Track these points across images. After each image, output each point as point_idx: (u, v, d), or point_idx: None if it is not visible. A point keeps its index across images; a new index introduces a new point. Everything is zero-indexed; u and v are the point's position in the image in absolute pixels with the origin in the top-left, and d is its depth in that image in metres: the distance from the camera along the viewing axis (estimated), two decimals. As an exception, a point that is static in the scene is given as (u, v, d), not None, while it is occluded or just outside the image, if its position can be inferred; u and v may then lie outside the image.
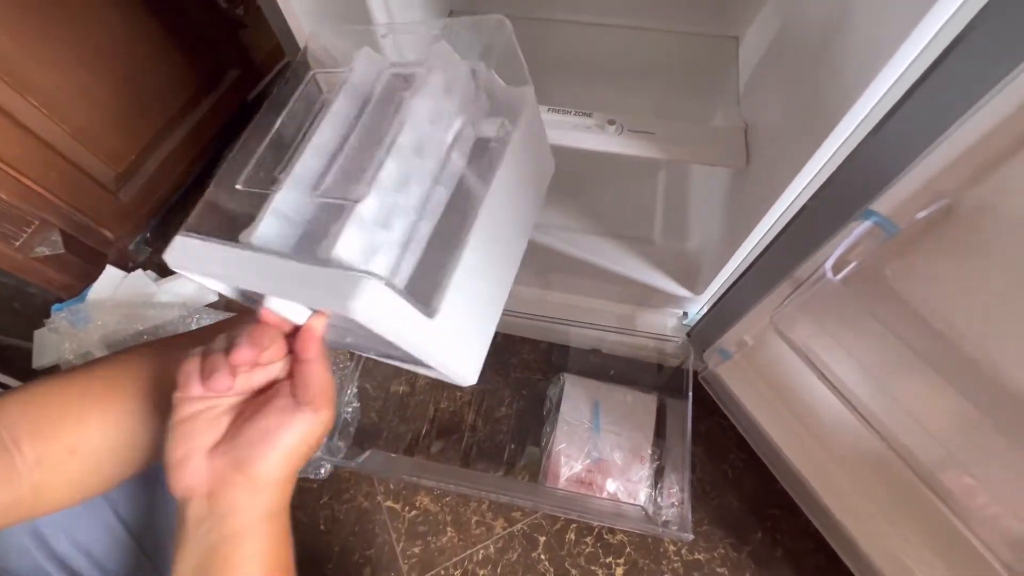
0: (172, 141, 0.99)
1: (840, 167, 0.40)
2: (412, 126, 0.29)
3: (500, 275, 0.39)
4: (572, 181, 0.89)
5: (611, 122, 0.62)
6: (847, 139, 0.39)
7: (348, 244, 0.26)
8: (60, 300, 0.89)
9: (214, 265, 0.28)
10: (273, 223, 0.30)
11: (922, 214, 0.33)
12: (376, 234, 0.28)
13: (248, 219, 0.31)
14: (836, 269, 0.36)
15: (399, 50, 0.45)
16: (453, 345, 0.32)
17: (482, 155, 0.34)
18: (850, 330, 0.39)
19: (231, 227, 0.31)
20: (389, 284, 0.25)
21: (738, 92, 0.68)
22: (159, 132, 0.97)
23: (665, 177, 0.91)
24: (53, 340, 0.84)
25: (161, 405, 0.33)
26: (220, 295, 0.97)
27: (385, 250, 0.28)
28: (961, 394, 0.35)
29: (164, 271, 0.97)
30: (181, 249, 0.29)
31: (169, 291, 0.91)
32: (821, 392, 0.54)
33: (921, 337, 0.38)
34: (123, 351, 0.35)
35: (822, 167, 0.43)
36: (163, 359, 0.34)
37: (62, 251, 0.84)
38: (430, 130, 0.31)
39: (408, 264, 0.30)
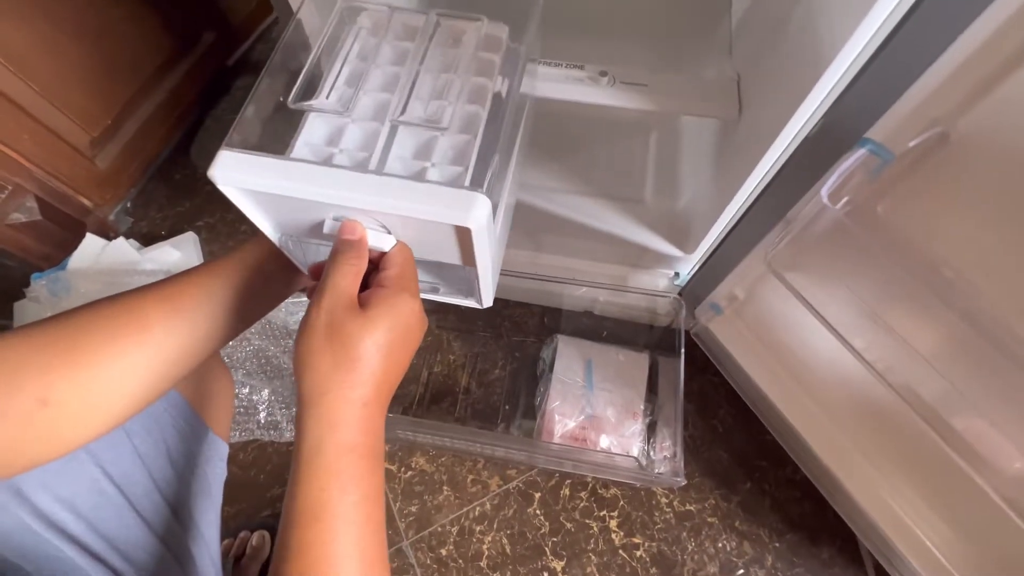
0: (149, 106, 0.96)
1: (835, 103, 0.39)
2: (468, 78, 0.33)
3: (512, 206, 0.43)
4: (564, 142, 0.88)
5: (603, 74, 0.61)
6: (842, 75, 0.39)
7: (437, 177, 0.30)
8: (39, 270, 0.87)
9: (276, 178, 0.28)
10: (353, 136, 0.32)
11: (915, 141, 0.33)
12: (450, 167, 0.31)
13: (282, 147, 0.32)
14: (833, 199, 0.36)
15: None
16: (494, 260, 0.35)
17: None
18: (846, 264, 0.39)
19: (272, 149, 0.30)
20: (490, 200, 0.28)
21: (731, 43, 0.67)
22: (134, 96, 0.93)
23: (656, 137, 0.90)
24: (34, 310, 0.82)
25: (146, 352, 0.32)
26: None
27: (467, 174, 0.31)
28: (957, 321, 0.35)
29: (147, 240, 0.95)
30: (228, 163, 0.28)
31: (153, 259, 0.89)
32: (812, 340, 0.55)
33: (914, 268, 0.38)
34: (99, 300, 0.33)
35: (817, 106, 0.43)
36: (141, 303, 0.33)
37: (39, 218, 0.81)
38: (481, 81, 0.34)
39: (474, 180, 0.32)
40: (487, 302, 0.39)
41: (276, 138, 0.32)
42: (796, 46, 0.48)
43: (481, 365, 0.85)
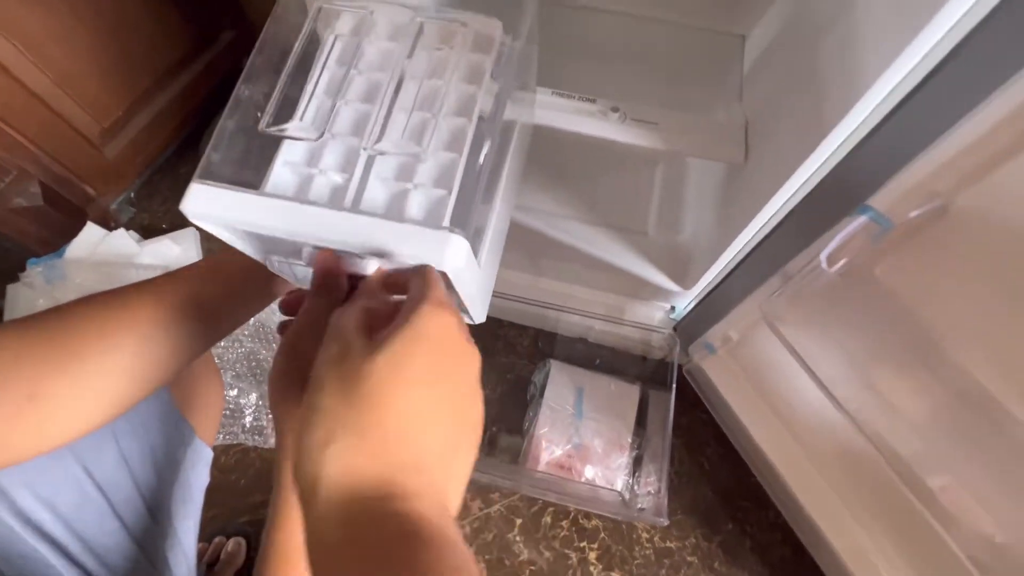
0: (162, 99, 0.96)
1: (838, 165, 0.40)
2: (455, 86, 0.30)
3: (506, 224, 0.41)
4: (570, 168, 0.89)
5: (615, 109, 0.62)
6: (846, 139, 0.40)
7: (418, 202, 0.29)
8: (36, 255, 0.86)
9: (248, 214, 0.27)
10: (323, 178, 0.30)
11: (916, 212, 0.34)
12: (434, 190, 0.29)
13: (259, 168, 0.30)
14: (831, 262, 0.36)
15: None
16: (481, 286, 0.33)
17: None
18: (837, 322, 0.39)
19: (246, 176, 0.29)
20: (466, 239, 0.26)
21: (741, 88, 0.69)
22: (148, 89, 0.93)
23: (663, 170, 0.91)
24: (27, 295, 0.82)
25: (137, 349, 0.31)
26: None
27: (448, 205, 0.29)
28: (942, 389, 0.36)
29: (148, 232, 0.95)
30: (200, 197, 0.27)
31: (152, 253, 0.88)
32: (802, 388, 0.55)
33: (905, 333, 0.39)
34: (92, 295, 0.32)
35: (820, 165, 0.44)
36: (136, 300, 0.33)
37: (40, 203, 0.81)
38: (470, 90, 0.31)
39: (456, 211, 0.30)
40: (479, 318, 0.38)
41: (257, 155, 0.31)
42: (803, 104, 0.49)
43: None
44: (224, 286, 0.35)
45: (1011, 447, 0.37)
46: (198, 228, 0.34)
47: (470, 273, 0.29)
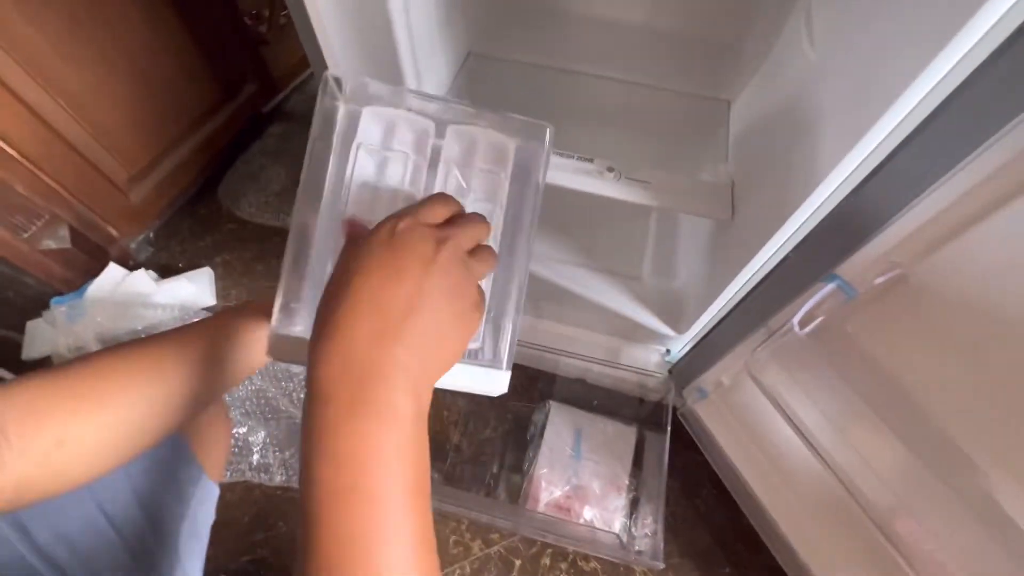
0: (186, 147, 1.03)
1: (810, 233, 0.45)
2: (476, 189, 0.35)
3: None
4: (569, 217, 0.94)
5: (610, 169, 0.67)
6: (818, 208, 0.45)
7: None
8: (58, 293, 0.90)
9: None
10: None
11: (879, 280, 0.38)
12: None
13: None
14: (802, 324, 0.40)
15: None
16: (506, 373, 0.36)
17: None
18: (813, 378, 0.43)
19: None
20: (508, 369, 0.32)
21: (727, 150, 0.74)
22: (175, 138, 1.00)
23: (656, 218, 0.96)
24: (47, 332, 0.85)
25: (159, 398, 0.34)
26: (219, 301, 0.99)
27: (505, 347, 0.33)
28: (907, 445, 0.39)
29: (165, 271, 0.99)
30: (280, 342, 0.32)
31: (167, 292, 0.92)
32: (787, 435, 0.58)
33: (875, 389, 0.42)
34: (117, 346, 0.35)
35: (796, 230, 0.48)
36: (159, 352, 0.35)
37: (68, 246, 0.85)
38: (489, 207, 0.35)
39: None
40: (500, 391, 0.37)
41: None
42: (776, 174, 0.54)
43: (474, 424, 0.87)
44: (236, 338, 0.38)
45: (977, 499, 0.40)
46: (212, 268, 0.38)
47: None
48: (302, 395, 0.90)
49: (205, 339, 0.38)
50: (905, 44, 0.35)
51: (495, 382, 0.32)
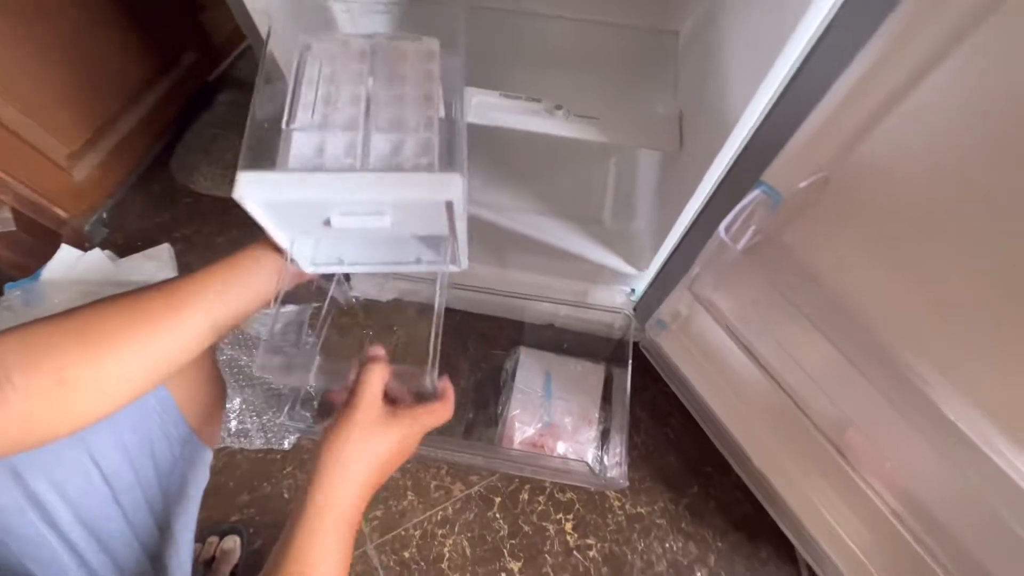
0: (129, 121, 0.99)
1: (743, 149, 0.45)
2: (413, 83, 0.41)
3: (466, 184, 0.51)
4: (528, 165, 0.94)
5: (558, 107, 0.66)
6: (749, 125, 0.45)
7: (415, 159, 0.37)
8: (12, 279, 0.88)
9: (292, 189, 0.34)
10: (335, 145, 0.38)
11: (803, 184, 0.39)
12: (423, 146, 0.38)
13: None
14: (736, 237, 0.41)
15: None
16: (464, 231, 0.41)
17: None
18: (756, 296, 0.44)
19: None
20: (462, 176, 0.35)
21: (675, 82, 0.74)
22: (114, 112, 0.96)
23: (616, 162, 0.96)
24: (5, 317, 0.83)
25: (158, 342, 0.36)
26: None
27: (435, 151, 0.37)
28: (847, 356, 0.41)
29: (123, 251, 0.97)
30: (250, 182, 0.33)
31: (128, 270, 0.91)
32: (742, 357, 0.60)
33: (814, 301, 0.44)
34: (120, 293, 0.37)
35: (735, 150, 0.49)
36: (157, 298, 0.37)
37: (13, 229, 0.83)
38: (428, 87, 0.41)
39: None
40: (464, 263, 0.46)
41: (269, 156, 0.38)
42: (716, 99, 0.54)
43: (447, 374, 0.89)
44: (224, 286, 0.40)
45: (906, 395, 0.42)
46: (172, 244, 0.40)
47: (464, 205, 0.36)
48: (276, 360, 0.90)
49: (195, 285, 0.39)
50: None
51: (448, 185, 0.34)
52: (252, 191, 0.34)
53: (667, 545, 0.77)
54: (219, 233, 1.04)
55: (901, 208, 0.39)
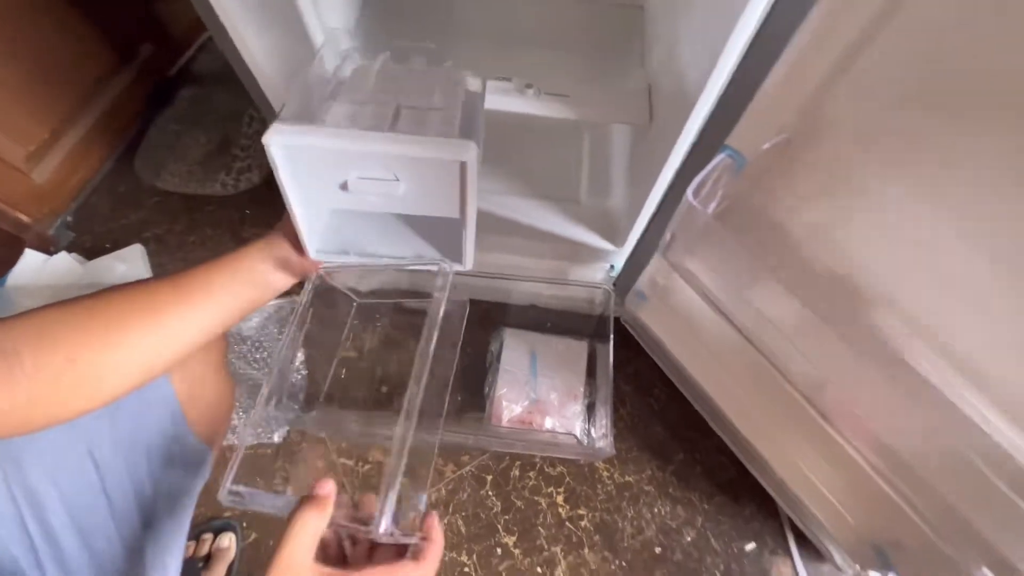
0: (88, 119, 0.95)
1: (708, 116, 0.46)
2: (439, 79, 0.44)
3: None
4: (504, 148, 0.94)
5: (529, 86, 0.67)
6: (715, 89, 0.46)
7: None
8: (-25, 288, 0.85)
9: (322, 137, 0.36)
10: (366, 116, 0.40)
11: (766, 146, 0.41)
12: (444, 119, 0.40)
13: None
14: (704, 203, 0.42)
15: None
16: (472, 223, 0.42)
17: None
18: (722, 255, 0.46)
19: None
20: (477, 144, 0.36)
21: (643, 56, 0.75)
22: (72, 109, 0.92)
23: (589, 141, 0.97)
24: (-28, 329, 0.81)
25: (169, 333, 0.37)
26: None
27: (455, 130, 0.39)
28: (809, 307, 0.42)
29: (92, 254, 0.94)
30: (282, 130, 0.35)
31: (97, 272, 0.88)
32: (715, 318, 0.62)
33: (778, 256, 0.46)
34: (128, 283, 0.38)
35: (703, 116, 0.50)
36: (168, 288, 0.38)
37: (-27, 235, 0.80)
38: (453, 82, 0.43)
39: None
40: (469, 263, 0.46)
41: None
42: (682, 69, 0.55)
43: (433, 361, 0.89)
44: (231, 276, 0.41)
45: (874, 346, 0.44)
46: (143, 244, 0.41)
47: (476, 175, 0.37)
48: (258, 356, 0.90)
49: (201, 276, 0.40)
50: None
51: (463, 148, 0.35)
52: (281, 138, 0.35)
53: (656, 510, 0.79)
54: (191, 232, 1.02)
55: (859, 164, 0.40)
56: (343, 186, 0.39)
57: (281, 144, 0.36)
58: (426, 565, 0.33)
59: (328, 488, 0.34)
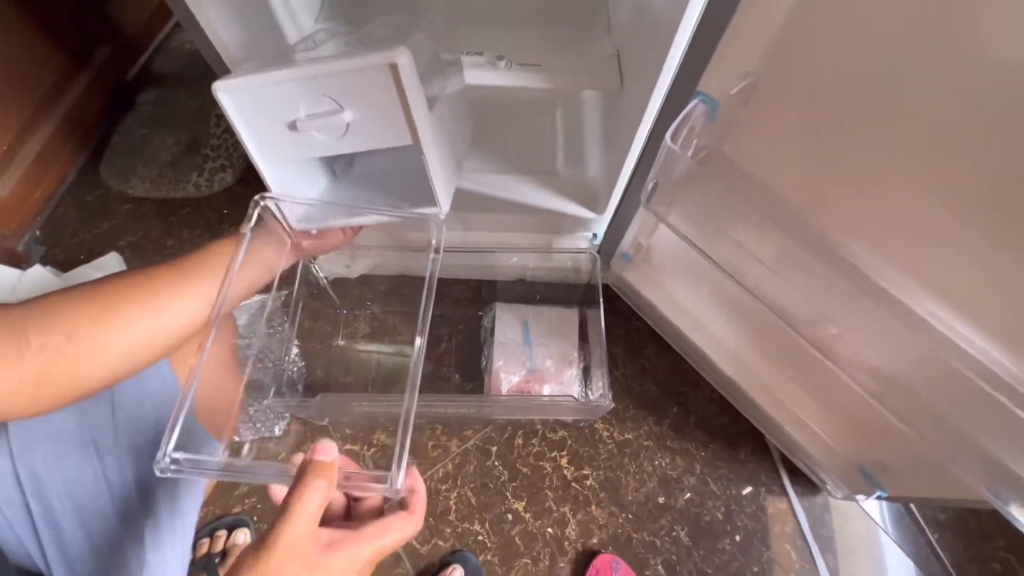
0: (47, 127, 0.93)
1: (679, 67, 0.48)
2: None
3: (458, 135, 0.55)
4: (478, 128, 0.94)
5: (500, 58, 0.68)
6: (683, 41, 0.48)
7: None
8: (-53, 310, 0.82)
9: (269, 77, 0.38)
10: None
11: (734, 90, 0.43)
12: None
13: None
14: (684, 145, 0.44)
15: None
16: (441, 154, 0.42)
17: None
18: (703, 199, 0.48)
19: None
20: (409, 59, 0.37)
21: (609, 22, 0.76)
22: (29, 119, 0.89)
23: (562, 113, 0.98)
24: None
25: (167, 313, 0.38)
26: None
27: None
28: (791, 238, 0.45)
29: (66, 266, 0.92)
30: (229, 87, 0.38)
31: (75, 281, 0.86)
32: (701, 266, 0.65)
33: (756, 195, 0.48)
34: (128, 270, 0.39)
35: (672, 72, 0.52)
36: (166, 272, 0.40)
37: (-61, 254, 0.77)
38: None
39: None
40: (444, 206, 0.47)
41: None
42: (649, 28, 0.57)
43: (428, 341, 0.90)
44: (225, 258, 0.42)
45: (852, 276, 0.47)
46: (119, 252, 0.44)
47: (416, 82, 0.38)
48: (249, 353, 0.89)
49: (196, 259, 0.42)
50: None
51: (394, 52, 0.36)
52: (224, 82, 0.38)
53: (656, 463, 0.83)
54: (167, 235, 1.00)
55: (820, 102, 0.43)
56: (292, 126, 0.40)
57: (226, 88, 0.38)
58: (417, 515, 0.33)
59: (331, 452, 0.31)
